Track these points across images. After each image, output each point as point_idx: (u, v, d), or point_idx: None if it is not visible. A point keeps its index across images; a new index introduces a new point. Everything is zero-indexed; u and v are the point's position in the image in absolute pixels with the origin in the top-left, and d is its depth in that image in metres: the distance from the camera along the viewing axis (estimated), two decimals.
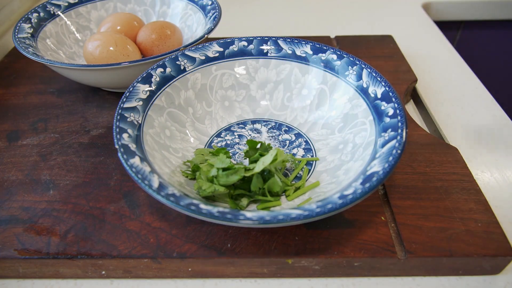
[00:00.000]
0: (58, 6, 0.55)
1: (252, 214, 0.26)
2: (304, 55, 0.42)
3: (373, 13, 0.73)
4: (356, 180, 0.29)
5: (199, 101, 0.42)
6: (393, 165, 0.28)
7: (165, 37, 0.50)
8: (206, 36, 0.46)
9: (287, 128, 0.42)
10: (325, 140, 0.39)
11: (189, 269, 0.31)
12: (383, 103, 0.35)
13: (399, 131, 0.31)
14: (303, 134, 0.41)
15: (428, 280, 0.31)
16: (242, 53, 0.42)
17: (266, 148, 0.36)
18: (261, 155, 0.34)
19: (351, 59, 0.39)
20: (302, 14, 0.73)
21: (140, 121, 0.35)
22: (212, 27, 0.47)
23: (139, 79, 0.38)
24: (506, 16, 0.87)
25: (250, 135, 0.41)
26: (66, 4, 0.55)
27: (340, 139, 0.38)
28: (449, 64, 0.56)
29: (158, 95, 0.38)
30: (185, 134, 0.40)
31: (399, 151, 0.29)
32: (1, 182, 0.37)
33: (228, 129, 0.42)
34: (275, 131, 0.42)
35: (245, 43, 0.43)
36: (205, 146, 0.40)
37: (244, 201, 0.32)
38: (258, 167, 0.31)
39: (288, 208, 0.29)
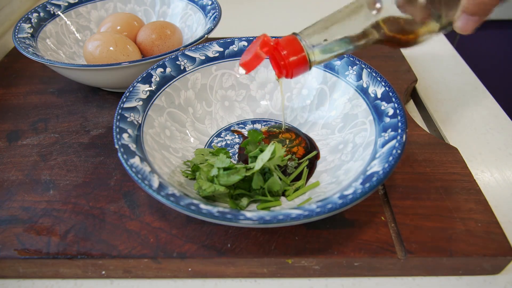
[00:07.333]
0: (58, 6, 0.55)
1: (252, 214, 0.26)
2: None
3: None
4: (356, 180, 0.29)
5: (199, 101, 0.42)
6: (393, 165, 0.28)
7: (165, 37, 0.50)
8: (206, 36, 0.46)
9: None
10: (325, 140, 0.39)
11: (189, 269, 0.31)
12: (383, 103, 0.35)
13: (399, 131, 0.31)
14: None
15: (428, 280, 0.31)
16: (242, 53, 0.42)
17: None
18: (261, 150, 0.34)
19: (351, 59, 0.39)
20: (302, 14, 0.73)
21: (140, 121, 0.35)
22: (212, 27, 0.47)
23: (139, 79, 0.38)
24: (506, 16, 0.88)
25: None
26: (66, 4, 0.55)
27: (340, 139, 0.38)
28: (449, 64, 0.56)
29: (158, 95, 0.38)
30: (185, 134, 0.40)
31: (399, 151, 0.29)
32: (1, 182, 0.37)
33: (228, 129, 0.42)
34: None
35: (245, 43, 0.43)
36: (205, 146, 0.40)
37: (244, 201, 0.32)
38: (258, 165, 0.31)
39: (288, 208, 0.29)
